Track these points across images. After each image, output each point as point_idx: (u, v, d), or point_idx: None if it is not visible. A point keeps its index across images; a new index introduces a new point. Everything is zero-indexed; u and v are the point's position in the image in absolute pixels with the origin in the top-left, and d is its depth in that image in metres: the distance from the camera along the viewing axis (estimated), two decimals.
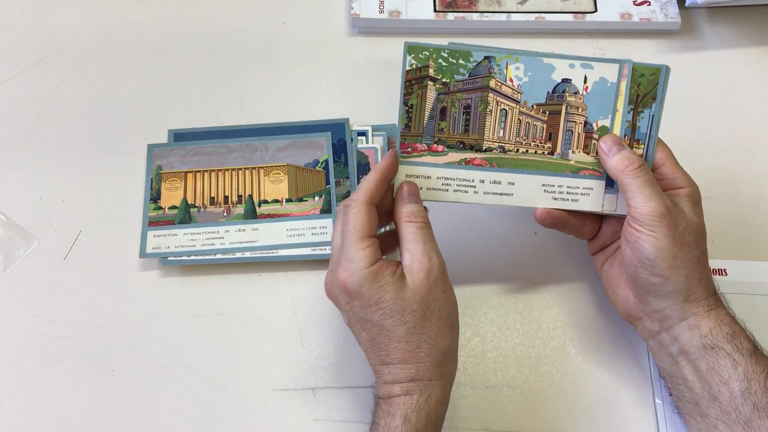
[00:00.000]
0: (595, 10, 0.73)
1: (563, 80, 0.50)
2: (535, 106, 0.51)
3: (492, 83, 0.50)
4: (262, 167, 0.64)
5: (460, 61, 0.50)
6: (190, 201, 0.63)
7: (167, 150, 0.65)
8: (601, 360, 0.58)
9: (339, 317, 0.59)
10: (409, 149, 0.51)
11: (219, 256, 0.60)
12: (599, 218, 0.56)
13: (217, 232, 0.61)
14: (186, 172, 0.64)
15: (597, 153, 0.53)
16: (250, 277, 0.61)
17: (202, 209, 0.63)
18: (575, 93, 0.51)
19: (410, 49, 0.50)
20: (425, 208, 0.51)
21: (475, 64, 0.51)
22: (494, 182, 0.51)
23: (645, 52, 0.73)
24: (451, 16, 0.72)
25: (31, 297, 0.60)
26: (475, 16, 0.72)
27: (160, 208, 0.63)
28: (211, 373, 0.57)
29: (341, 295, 0.49)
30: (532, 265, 0.62)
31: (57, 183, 0.65)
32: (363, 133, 0.66)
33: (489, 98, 0.50)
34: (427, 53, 0.50)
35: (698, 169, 0.55)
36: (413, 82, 0.51)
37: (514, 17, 0.72)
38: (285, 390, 0.56)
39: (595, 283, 0.60)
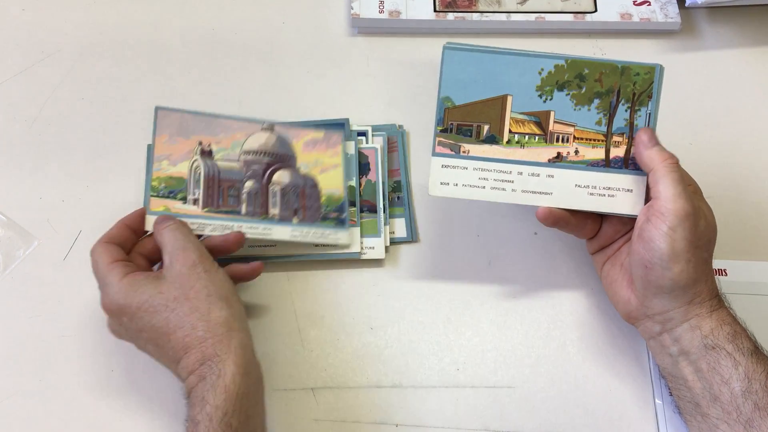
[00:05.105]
0: (595, 10, 0.73)
1: None
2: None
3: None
4: None
5: None
6: None
7: None
8: (601, 360, 0.58)
9: (340, 318, 0.59)
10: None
11: None
12: (600, 217, 0.56)
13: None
14: None
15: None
16: None
17: None
18: None
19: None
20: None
21: None
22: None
23: (645, 52, 0.73)
24: (451, 16, 0.72)
25: (31, 297, 0.60)
26: (475, 16, 0.72)
27: None
28: None
29: (114, 322, 0.52)
30: (532, 265, 0.62)
31: (57, 183, 0.64)
32: (363, 133, 0.66)
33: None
34: None
35: (698, 169, 0.55)
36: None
37: (514, 17, 0.72)
38: (285, 390, 0.56)
39: (594, 283, 0.60)
